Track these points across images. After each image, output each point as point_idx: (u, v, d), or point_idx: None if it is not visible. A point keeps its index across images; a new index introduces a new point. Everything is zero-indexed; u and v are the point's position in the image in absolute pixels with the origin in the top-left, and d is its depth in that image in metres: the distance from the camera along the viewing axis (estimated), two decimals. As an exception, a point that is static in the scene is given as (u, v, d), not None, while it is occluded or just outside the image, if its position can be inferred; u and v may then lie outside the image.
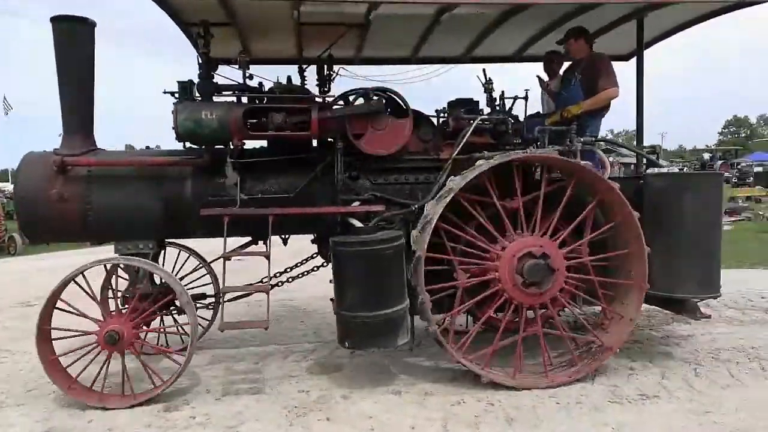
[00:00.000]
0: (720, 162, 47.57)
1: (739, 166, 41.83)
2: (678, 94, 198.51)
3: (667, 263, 4.65)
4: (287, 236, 5.26)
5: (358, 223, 4.56)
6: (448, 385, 4.53)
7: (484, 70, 5.44)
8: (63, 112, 4.73)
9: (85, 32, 4.74)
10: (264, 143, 5.01)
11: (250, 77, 4.68)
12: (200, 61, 4.58)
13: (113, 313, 4.67)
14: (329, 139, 4.91)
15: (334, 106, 4.78)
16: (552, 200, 4.52)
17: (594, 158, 5.11)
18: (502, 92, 5.20)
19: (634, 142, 5.66)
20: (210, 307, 5.72)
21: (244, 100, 4.70)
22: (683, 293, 4.67)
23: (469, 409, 4.11)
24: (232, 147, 4.58)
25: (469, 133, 4.80)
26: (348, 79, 5.58)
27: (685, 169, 5.46)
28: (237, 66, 4.63)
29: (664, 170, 5.17)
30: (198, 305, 5.47)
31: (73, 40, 4.68)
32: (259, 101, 4.71)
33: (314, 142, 4.98)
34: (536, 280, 4.45)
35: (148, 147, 5.21)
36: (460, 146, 4.79)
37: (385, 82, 5.36)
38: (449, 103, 5.27)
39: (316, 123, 4.53)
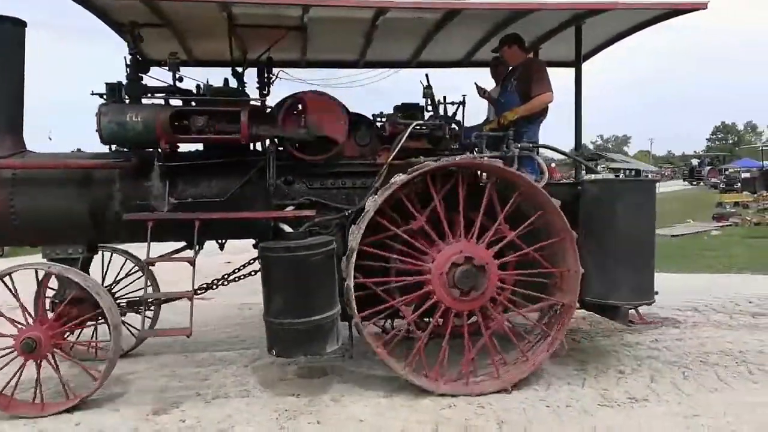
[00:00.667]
0: (708, 168, 47.97)
1: (726, 172, 42.12)
2: (666, 98, 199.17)
3: (600, 269, 4.61)
4: (224, 241, 5.19)
5: (288, 228, 4.49)
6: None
7: (426, 75, 5.40)
8: None
9: (15, 32, 4.67)
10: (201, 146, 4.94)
11: (180, 79, 4.59)
12: (128, 63, 4.50)
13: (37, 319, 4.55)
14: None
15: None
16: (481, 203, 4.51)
17: (533, 164, 5.08)
18: (444, 98, 5.15)
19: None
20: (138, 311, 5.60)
21: (179, 102, 4.64)
22: (615, 300, 4.64)
23: (460, 412, 4.13)
24: (160, 150, 4.51)
25: (404, 138, 4.74)
26: (291, 82, 5.50)
27: (622, 176, 5.42)
28: (167, 68, 4.54)
29: (600, 177, 5.13)
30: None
31: (2, 40, 4.61)
32: (191, 104, 4.64)
33: (253, 146, 4.93)
34: (471, 286, 4.42)
35: (78, 150, 5.10)
36: (395, 151, 4.73)
37: (327, 87, 5.33)
38: (395, 108, 5.22)
39: (246, 126, 4.46)
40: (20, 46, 4.70)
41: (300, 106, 4.70)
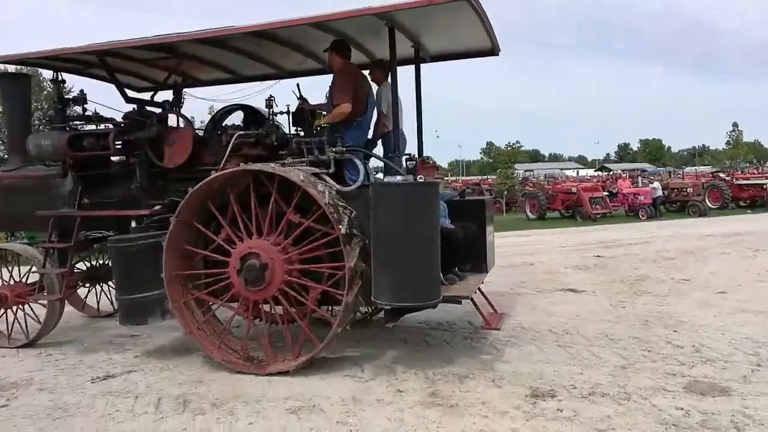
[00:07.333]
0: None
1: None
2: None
3: (375, 269, 4.76)
4: None
5: (133, 224, 5.67)
6: None
7: (297, 85, 5.99)
8: (9, 141, 6.83)
9: (23, 84, 6.77)
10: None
11: (84, 110, 6.11)
12: (54, 99, 6.18)
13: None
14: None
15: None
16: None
17: (354, 166, 5.30)
18: (287, 106, 5.72)
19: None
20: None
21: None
22: (379, 300, 4.74)
23: None
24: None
25: (230, 147, 5.47)
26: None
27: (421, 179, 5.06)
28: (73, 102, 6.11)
29: (398, 179, 5.03)
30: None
31: (13, 90, 6.72)
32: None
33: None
34: (254, 278, 5.01)
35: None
36: (224, 161, 5.48)
37: (234, 100, 6.31)
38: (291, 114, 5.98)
39: (112, 143, 5.77)
40: (26, 93, 6.76)
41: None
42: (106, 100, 6.28)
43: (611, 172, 50.42)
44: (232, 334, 5.61)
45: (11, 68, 8.32)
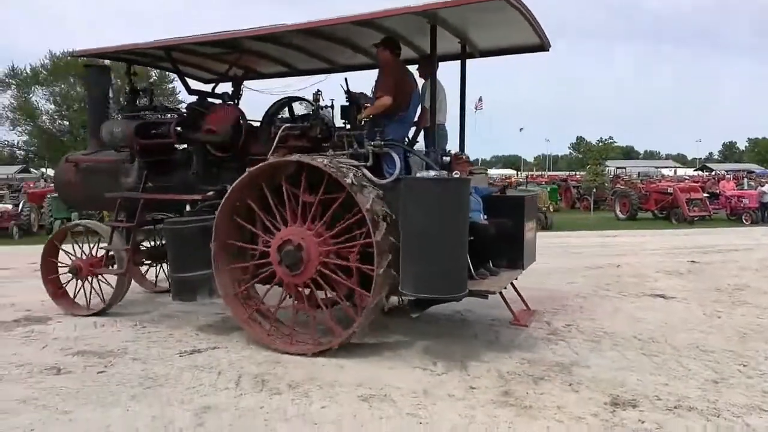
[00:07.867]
0: None
1: None
2: None
3: (402, 260, 4.85)
4: None
5: (188, 207, 6.08)
6: None
7: (345, 79, 6.16)
8: (89, 127, 7.49)
9: (103, 75, 7.40)
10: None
11: (151, 101, 6.60)
12: (125, 91, 6.71)
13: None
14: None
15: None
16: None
17: (392, 160, 5.40)
18: (332, 101, 5.93)
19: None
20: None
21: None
22: (404, 290, 4.84)
23: None
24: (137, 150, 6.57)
25: (277, 139, 5.73)
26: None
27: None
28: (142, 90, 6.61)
29: (432, 173, 5.04)
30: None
31: (95, 80, 7.37)
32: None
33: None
34: (294, 261, 5.26)
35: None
36: (271, 152, 5.73)
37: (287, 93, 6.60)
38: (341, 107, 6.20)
39: (174, 133, 6.21)
40: (106, 83, 7.39)
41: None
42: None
43: (713, 173, 47.28)
44: (298, 325, 5.63)
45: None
